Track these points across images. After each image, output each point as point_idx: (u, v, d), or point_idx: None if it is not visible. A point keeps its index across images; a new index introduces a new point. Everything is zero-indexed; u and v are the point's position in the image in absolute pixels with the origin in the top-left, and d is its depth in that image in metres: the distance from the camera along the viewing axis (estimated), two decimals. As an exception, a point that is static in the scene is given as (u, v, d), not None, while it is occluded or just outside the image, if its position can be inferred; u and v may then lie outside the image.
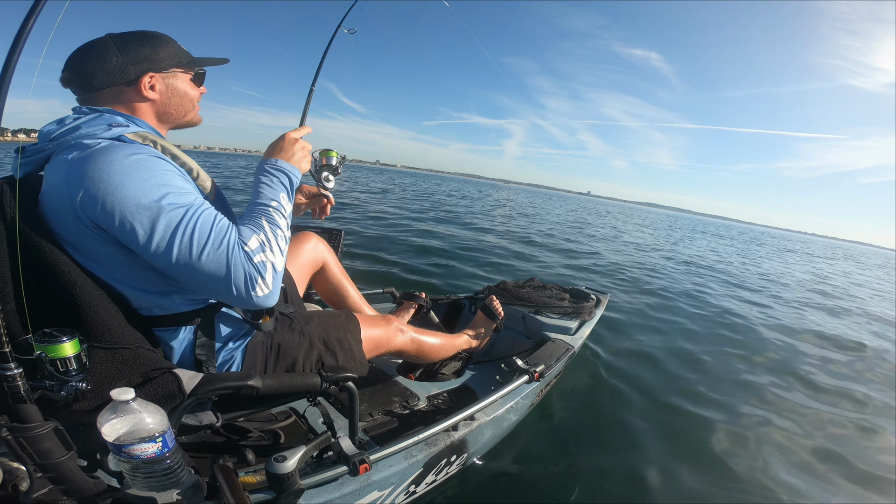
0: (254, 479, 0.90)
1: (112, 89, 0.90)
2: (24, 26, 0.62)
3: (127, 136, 0.84)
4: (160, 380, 0.82)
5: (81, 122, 0.83)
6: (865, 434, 2.42)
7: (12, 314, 0.72)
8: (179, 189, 0.80)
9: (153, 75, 0.92)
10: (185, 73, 0.99)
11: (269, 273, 0.83)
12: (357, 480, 0.99)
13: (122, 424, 0.65)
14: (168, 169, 0.82)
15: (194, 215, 0.79)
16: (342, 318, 1.25)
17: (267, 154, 1.01)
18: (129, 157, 0.78)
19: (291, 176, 0.98)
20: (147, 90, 0.92)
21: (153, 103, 0.94)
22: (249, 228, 0.85)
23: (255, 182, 0.96)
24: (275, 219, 0.89)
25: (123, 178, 0.75)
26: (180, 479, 0.70)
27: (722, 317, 4.58)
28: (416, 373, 1.76)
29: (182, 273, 0.79)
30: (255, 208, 0.91)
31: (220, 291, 0.81)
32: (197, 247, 0.77)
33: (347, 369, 1.03)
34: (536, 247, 7.85)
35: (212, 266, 0.78)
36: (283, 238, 0.88)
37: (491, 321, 1.94)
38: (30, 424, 0.62)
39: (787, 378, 3.10)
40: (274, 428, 1.16)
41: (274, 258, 0.85)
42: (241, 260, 0.80)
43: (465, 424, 1.30)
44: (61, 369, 0.69)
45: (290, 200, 0.96)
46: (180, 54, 0.98)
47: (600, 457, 1.86)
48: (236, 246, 0.80)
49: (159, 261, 0.78)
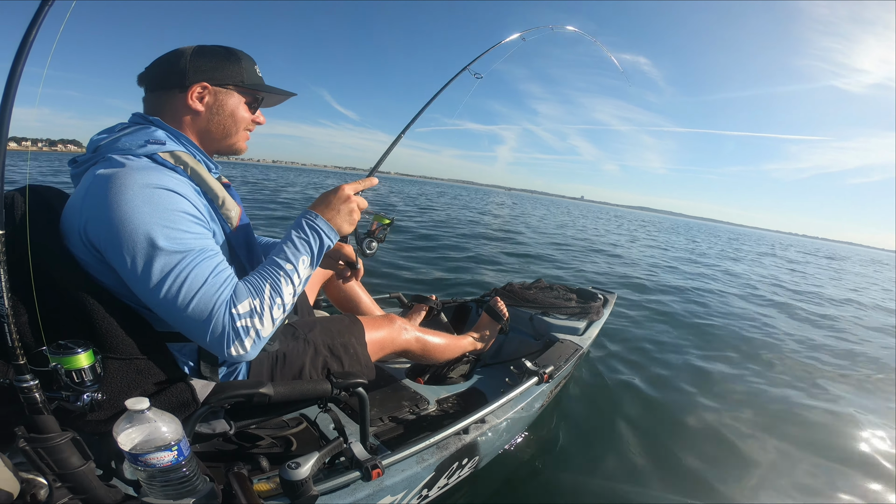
0: (268, 486, 0.90)
1: (167, 92, 0.90)
2: (29, 33, 0.61)
3: (160, 154, 0.83)
4: (174, 389, 0.83)
5: (124, 134, 0.84)
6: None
7: (27, 326, 0.73)
8: (184, 232, 0.77)
9: (206, 86, 0.91)
10: (242, 95, 0.97)
11: (250, 339, 0.79)
12: (370, 485, 0.99)
13: (138, 433, 0.65)
14: (181, 209, 0.79)
15: (191, 263, 0.77)
16: (346, 323, 1.25)
17: (313, 205, 0.95)
18: (144, 189, 0.75)
19: (324, 238, 0.91)
20: (194, 100, 0.91)
21: (197, 117, 0.92)
22: (248, 289, 0.81)
23: (286, 232, 0.91)
24: (280, 285, 0.84)
25: (131, 211, 0.73)
26: (196, 487, 0.70)
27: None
28: (424, 377, 1.76)
29: (163, 313, 0.79)
30: (268, 266, 0.86)
31: (195, 339, 0.80)
32: (185, 296, 0.75)
33: (356, 375, 1.03)
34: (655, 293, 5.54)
35: (194, 317, 0.76)
36: (279, 307, 0.83)
37: (496, 323, 1.94)
38: (47, 435, 0.63)
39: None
40: (286, 435, 1.16)
41: (261, 326, 0.80)
42: (223, 320, 0.77)
43: (475, 427, 1.30)
44: (76, 380, 0.70)
45: (311, 265, 0.90)
46: (247, 75, 0.96)
47: (614, 458, 1.84)
48: (223, 306, 0.77)
49: (145, 297, 0.78)
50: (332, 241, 0.93)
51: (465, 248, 7.07)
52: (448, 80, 1.61)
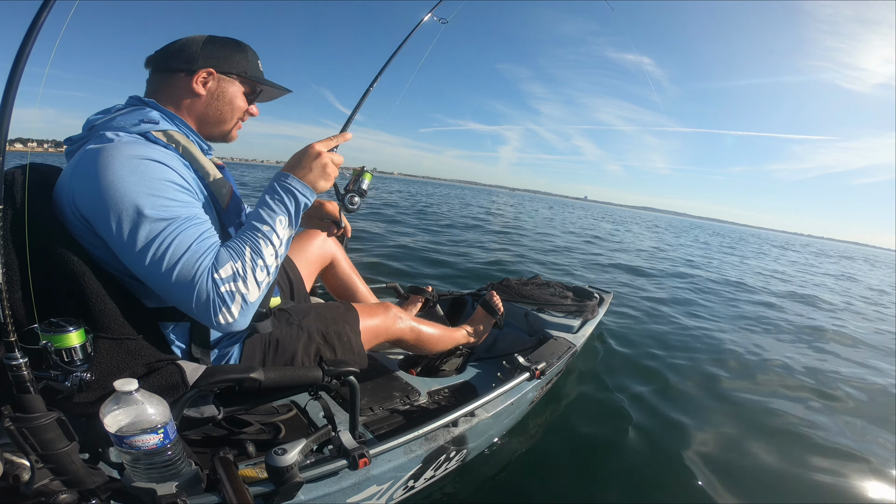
0: (254, 472, 0.91)
1: (172, 75, 0.94)
2: (30, 32, 0.60)
3: (153, 133, 0.86)
4: (164, 371, 0.83)
5: (119, 115, 0.87)
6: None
7: (19, 303, 0.73)
8: (170, 200, 0.79)
9: (212, 72, 0.96)
10: (243, 85, 1.01)
11: (236, 304, 0.79)
12: (356, 474, 1.00)
13: (125, 415, 0.65)
14: (167, 178, 0.80)
15: (175, 230, 0.77)
16: (341, 310, 1.25)
17: (285, 166, 0.94)
18: (131, 160, 0.77)
19: (299, 197, 0.90)
20: (198, 84, 0.95)
21: (197, 101, 0.96)
22: (229, 253, 0.81)
23: (260, 197, 0.91)
24: (260, 247, 0.83)
25: (117, 179, 0.75)
26: (180, 470, 0.71)
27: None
28: (417, 368, 1.76)
29: (150, 281, 0.79)
30: (246, 230, 0.86)
31: (183, 307, 0.80)
32: (168, 262, 0.76)
33: (348, 363, 1.03)
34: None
35: (178, 284, 0.76)
36: (262, 269, 0.83)
37: (490, 317, 1.94)
38: (33, 415, 0.63)
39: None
40: (275, 421, 1.17)
41: (246, 290, 0.80)
42: (206, 286, 0.77)
43: (465, 420, 1.30)
44: (66, 359, 0.70)
45: (290, 225, 0.89)
46: (250, 67, 1.01)
47: (602, 455, 1.86)
48: (206, 272, 0.77)
49: (131, 264, 0.78)
50: (308, 199, 0.92)
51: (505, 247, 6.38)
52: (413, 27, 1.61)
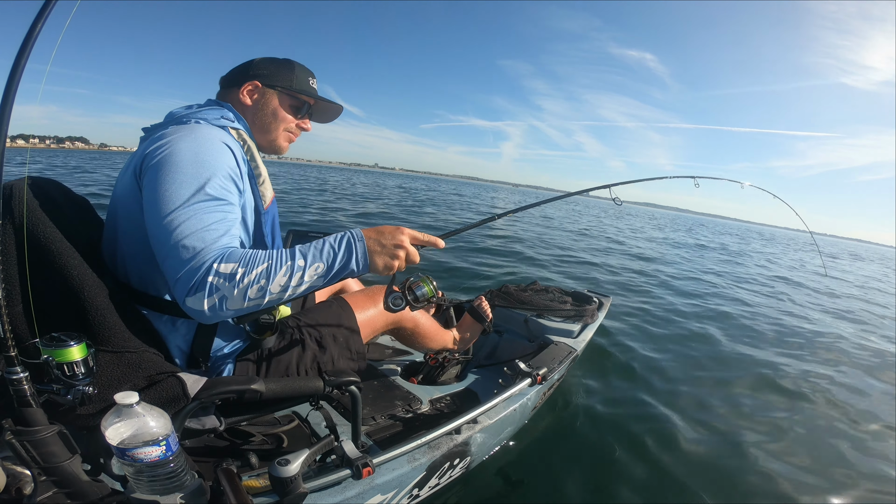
0: (257, 483, 0.90)
1: (230, 90, 1.06)
2: (32, 31, 0.61)
3: (230, 128, 0.96)
4: (164, 383, 0.83)
5: (203, 109, 0.97)
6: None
7: (20, 317, 0.73)
8: (220, 183, 0.85)
9: (257, 84, 1.04)
10: (287, 97, 1.08)
11: (212, 300, 0.76)
12: (360, 484, 0.99)
13: (126, 428, 0.65)
14: (229, 164, 0.88)
15: (209, 208, 0.81)
16: (333, 308, 1.22)
17: (369, 228, 0.92)
18: (215, 141, 0.88)
19: (351, 263, 0.86)
20: (245, 95, 1.04)
21: (247, 110, 1.05)
22: (242, 257, 0.79)
23: (327, 235, 0.89)
24: (276, 272, 0.80)
25: (186, 148, 0.83)
26: (184, 482, 0.70)
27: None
28: (418, 377, 1.76)
29: (158, 238, 0.80)
30: (283, 251, 0.83)
31: (168, 272, 0.79)
32: (185, 229, 0.78)
33: (349, 373, 1.03)
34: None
35: (182, 248, 0.77)
36: (260, 290, 0.78)
37: (479, 324, 1.92)
38: (35, 428, 0.63)
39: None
40: (277, 432, 1.16)
41: (229, 294, 0.77)
42: (201, 265, 0.76)
43: (467, 428, 1.30)
44: (69, 373, 0.70)
45: (323, 277, 0.85)
46: (297, 82, 1.08)
47: (606, 460, 1.85)
48: (211, 255, 0.77)
49: (153, 218, 0.80)
50: (357, 270, 0.88)
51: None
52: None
